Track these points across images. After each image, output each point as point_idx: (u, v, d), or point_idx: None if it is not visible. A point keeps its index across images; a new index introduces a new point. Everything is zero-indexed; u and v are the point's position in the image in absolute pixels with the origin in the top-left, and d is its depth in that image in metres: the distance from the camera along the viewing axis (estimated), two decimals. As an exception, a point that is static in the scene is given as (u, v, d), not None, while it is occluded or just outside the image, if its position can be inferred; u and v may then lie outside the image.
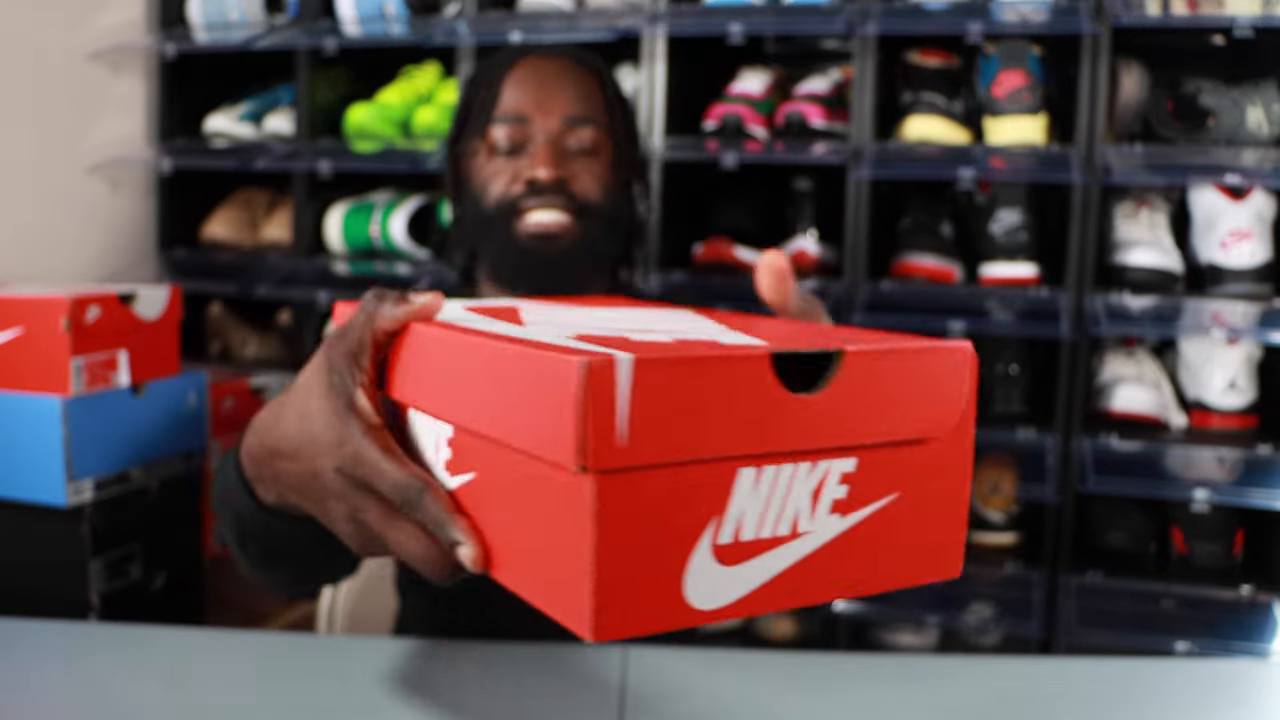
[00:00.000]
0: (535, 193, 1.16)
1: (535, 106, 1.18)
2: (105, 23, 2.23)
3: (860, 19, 1.82)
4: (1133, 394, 1.81)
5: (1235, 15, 1.68)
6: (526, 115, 1.18)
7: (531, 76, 1.19)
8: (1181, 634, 1.70)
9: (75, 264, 2.18)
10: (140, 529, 1.67)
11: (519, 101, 1.18)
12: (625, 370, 0.52)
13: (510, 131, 1.18)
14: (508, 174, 1.18)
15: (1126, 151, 1.77)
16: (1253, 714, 1.08)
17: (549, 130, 1.17)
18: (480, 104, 1.20)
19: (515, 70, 1.20)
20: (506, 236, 1.18)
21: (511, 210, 1.17)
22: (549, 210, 1.16)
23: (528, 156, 1.18)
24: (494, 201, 1.18)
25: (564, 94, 1.18)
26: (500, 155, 1.19)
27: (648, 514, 0.57)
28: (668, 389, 0.54)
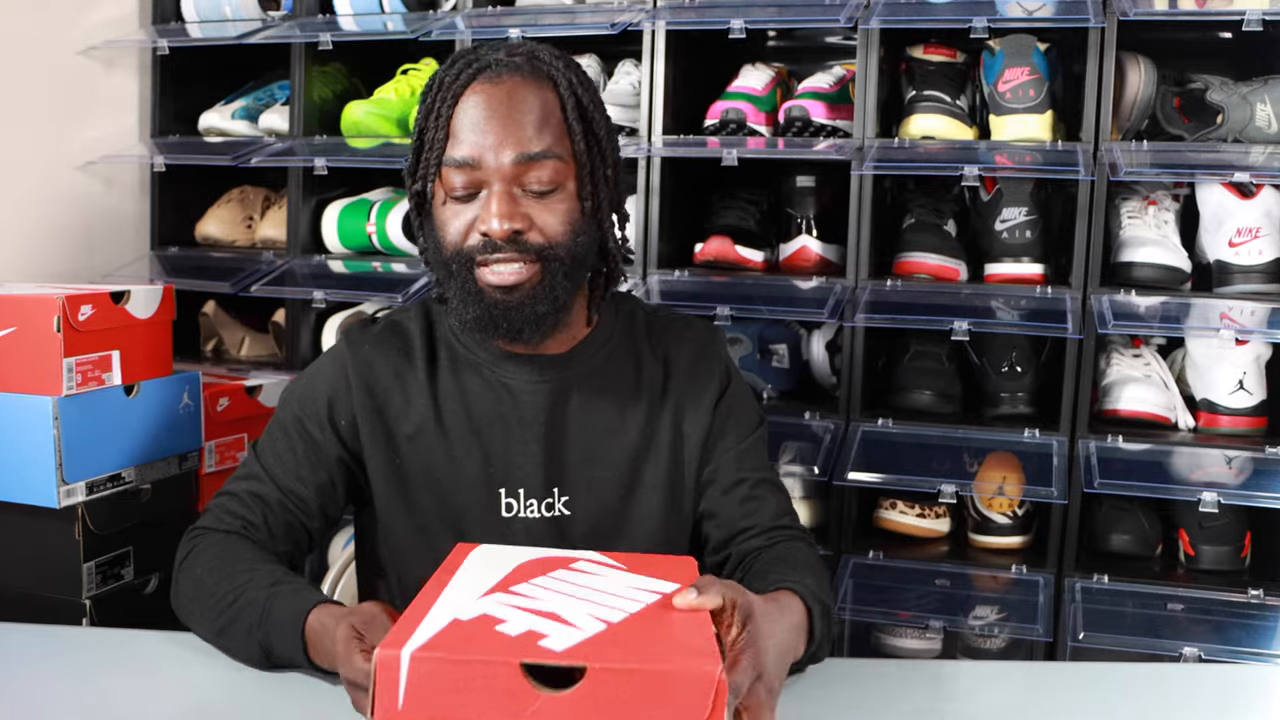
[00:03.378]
0: (490, 248, 1.12)
1: (485, 149, 1.12)
2: (98, 18, 2.21)
3: (863, 13, 1.80)
4: (1140, 394, 1.79)
5: (1245, 9, 1.66)
6: (476, 160, 1.12)
7: (481, 111, 1.12)
8: (1189, 638, 1.68)
9: (67, 262, 2.16)
10: (133, 531, 1.65)
11: (466, 145, 1.12)
12: (405, 662, 0.77)
13: (462, 177, 1.12)
14: (463, 221, 1.14)
15: (1133, 148, 1.76)
16: (1259, 719, 1.06)
17: (502, 174, 1.12)
18: (431, 142, 1.14)
19: (464, 102, 1.13)
20: (465, 285, 1.15)
21: (469, 261, 1.14)
22: (506, 265, 1.13)
23: (482, 203, 1.13)
24: (451, 250, 1.15)
25: (516, 129, 1.12)
26: (455, 199, 1.14)
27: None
28: (436, 678, 0.77)
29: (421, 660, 0.77)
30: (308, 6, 2.18)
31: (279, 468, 1.22)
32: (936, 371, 1.91)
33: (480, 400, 1.22)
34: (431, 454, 1.21)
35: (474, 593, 0.89)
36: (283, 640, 1.05)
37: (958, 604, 1.80)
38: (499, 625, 0.82)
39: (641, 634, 0.83)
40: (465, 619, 0.84)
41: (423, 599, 0.87)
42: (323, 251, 2.19)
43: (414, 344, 1.24)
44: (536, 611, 0.85)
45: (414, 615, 0.84)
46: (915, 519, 1.94)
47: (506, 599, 0.88)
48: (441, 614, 0.84)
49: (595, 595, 0.90)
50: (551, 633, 0.81)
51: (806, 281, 1.90)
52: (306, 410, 1.23)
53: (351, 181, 2.24)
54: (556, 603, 0.87)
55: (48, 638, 1.17)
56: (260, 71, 2.37)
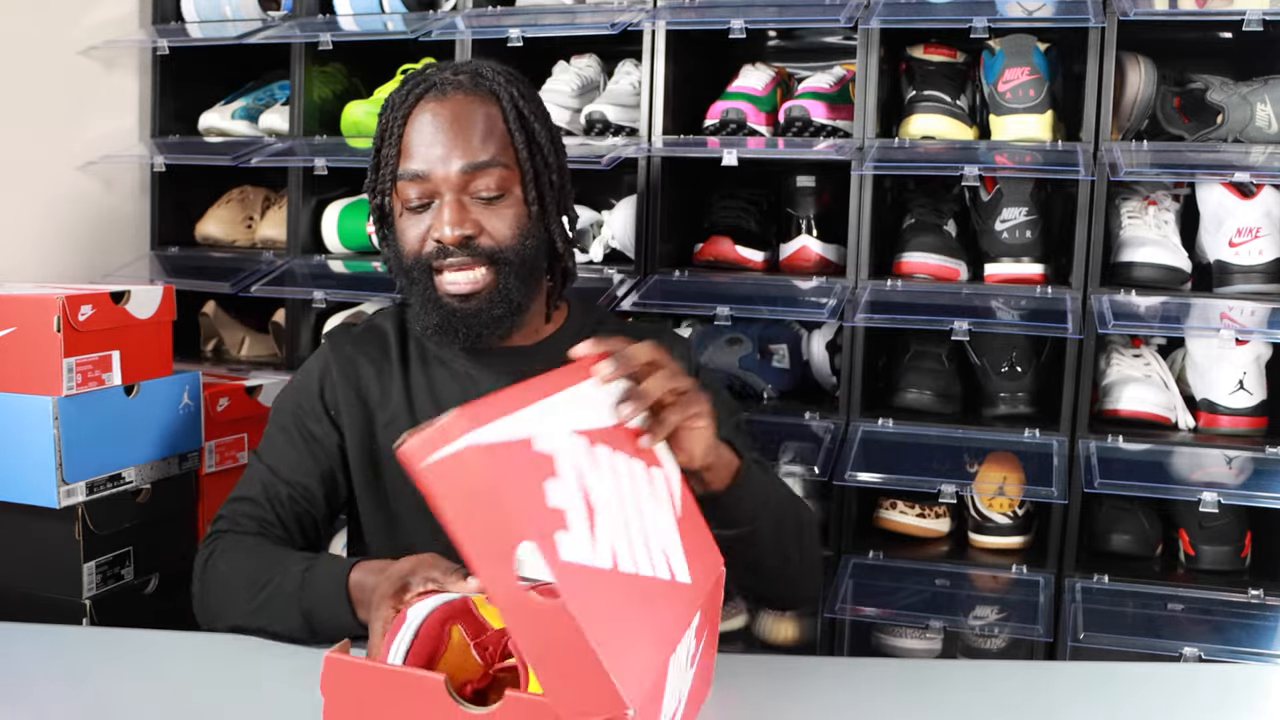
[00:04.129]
0: (444, 254, 1.21)
1: (434, 161, 1.20)
2: (98, 18, 2.21)
3: (863, 13, 1.80)
4: (1140, 394, 1.79)
5: (1245, 9, 1.66)
6: (426, 172, 1.21)
7: (427, 126, 1.22)
8: (1189, 638, 1.68)
9: (67, 262, 2.16)
10: (133, 531, 1.65)
11: (416, 158, 1.21)
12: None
13: (415, 189, 1.21)
14: (419, 230, 1.23)
15: (1133, 148, 1.75)
16: (1259, 719, 1.06)
17: (450, 183, 1.20)
18: (385, 158, 1.23)
19: (412, 119, 1.22)
20: (426, 292, 1.23)
21: (427, 269, 1.23)
22: (461, 271, 1.21)
23: (435, 213, 1.22)
24: (411, 258, 1.23)
25: (461, 141, 1.21)
26: (411, 210, 1.23)
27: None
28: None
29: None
30: (308, 6, 2.18)
31: (283, 465, 1.29)
32: (936, 371, 1.91)
33: (447, 391, 1.30)
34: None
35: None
36: (326, 602, 1.10)
37: (958, 604, 1.80)
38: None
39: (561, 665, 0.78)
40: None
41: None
42: (323, 251, 2.19)
43: (389, 342, 1.34)
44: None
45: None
46: (915, 519, 1.94)
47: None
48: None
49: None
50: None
51: (806, 281, 1.90)
52: (302, 407, 1.32)
53: (351, 181, 2.24)
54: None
55: (48, 638, 1.17)
56: (260, 71, 2.37)
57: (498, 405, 0.76)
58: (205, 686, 1.04)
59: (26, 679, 1.05)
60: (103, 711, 0.98)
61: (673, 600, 0.84)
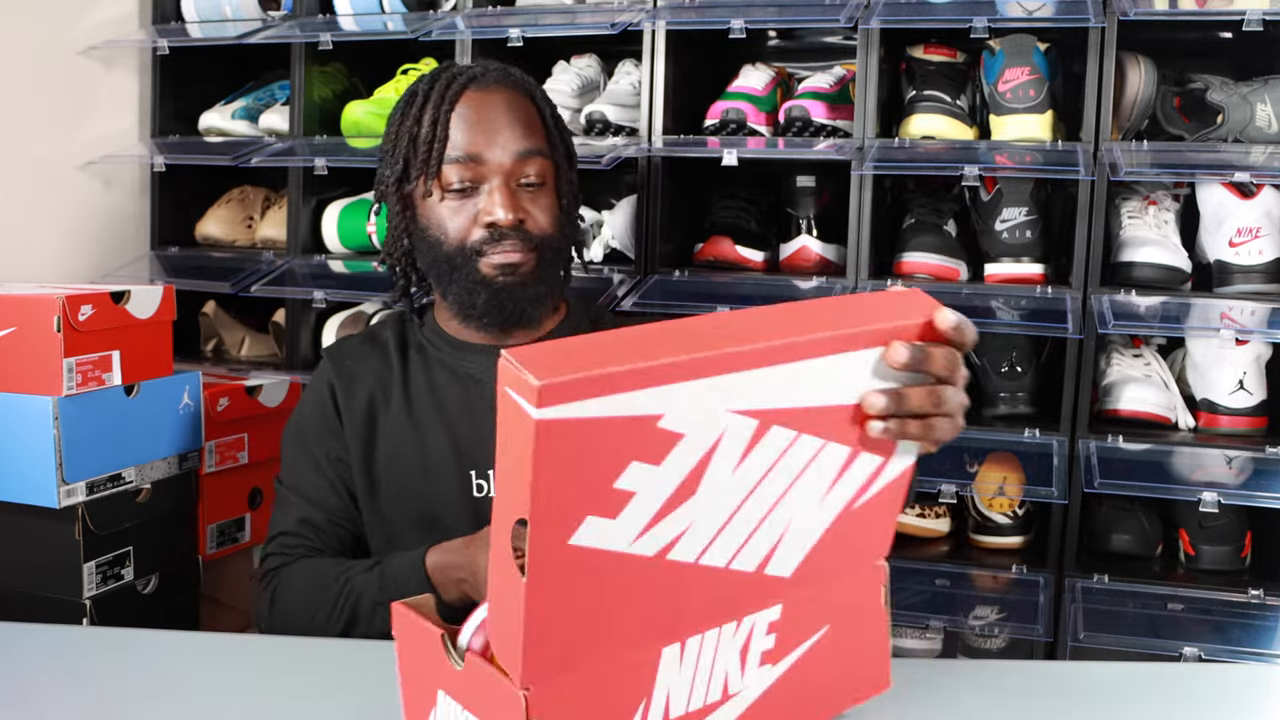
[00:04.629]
0: (496, 238, 1.22)
1: (486, 145, 1.22)
2: (98, 18, 2.21)
3: (863, 13, 1.80)
4: (1140, 394, 1.79)
5: (1245, 9, 1.66)
6: (478, 154, 1.22)
7: (477, 113, 1.23)
8: (1189, 638, 1.68)
9: (67, 262, 2.16)
10: (133, 531, 1.65)
11: (469, 141, 1.22)
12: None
13: (463, 172, 1.22)
14: (465, 216, 1.23)
15: (1133, 148, 1.75)
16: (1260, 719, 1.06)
17: (503, 168, 1.22)
18: (427, 143, 1.23)
19: (460, 106, 1.23)
20: (470, 276, 1.24)
21: (474, 253, 1.23)
22: (510, 253, 1.23)
23: (483, 196, 1.23)
24: (454, 244, 1.24)
25: (511, 128, 1.23)
26: (453, 195, 1.23)
27: (573, 709, 0.71)
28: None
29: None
30: (308, 6, 2.18)
31: (313, 490, 1.31)
32: (937, 371, 1.91)
33: (449, 391, 1.31)
34: (404, 442, 1.30)
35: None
36: (407, 591, 1.11)
37: (958, 604, 1.80)
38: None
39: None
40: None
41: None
42: (323, 251, 2.19)
43: (389, 349, 1.35)
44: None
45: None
46: (915, 519, 1.94)
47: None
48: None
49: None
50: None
51: (806, 281, 1.90)
52: (317, 429, 1.33)
53: (351, 181, 2.24)
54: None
55: (48, 638, 1.16)
56: (260, 71, 2.37)
57: (672, 369, 0.65)
58: (205, 686, 1.03)
59: (26, 679, 1.05)
60: (103, 711, 0.98)
61: (730, 592, 0.78)
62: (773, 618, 0.81)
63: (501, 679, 0.71)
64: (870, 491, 0.84)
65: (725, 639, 0.78)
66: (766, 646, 0.82)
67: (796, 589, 0.81)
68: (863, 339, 0.76)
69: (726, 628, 0.78)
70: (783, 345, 0.70)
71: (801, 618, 0.83)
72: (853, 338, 0.76)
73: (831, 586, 0.85)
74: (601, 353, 0.63)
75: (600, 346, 0.65)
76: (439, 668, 0.78)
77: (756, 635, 0.80)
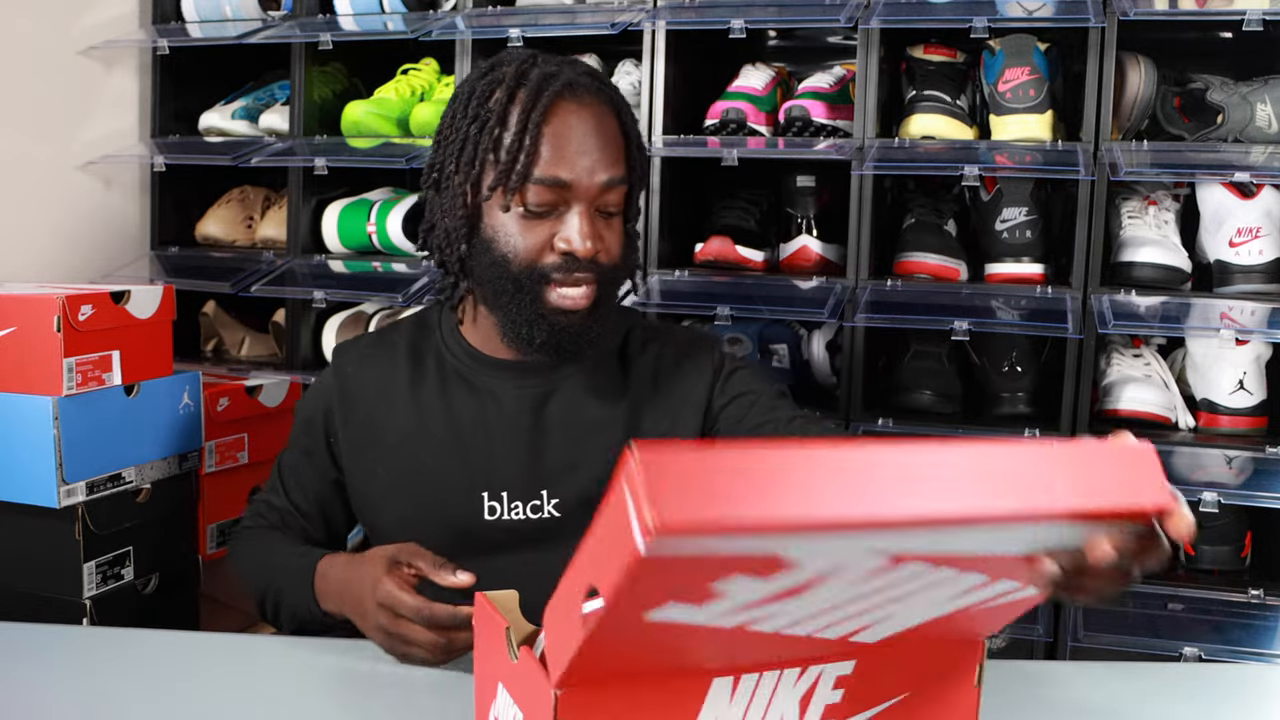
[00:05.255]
0: (569, 267, 1.14)
1: (576, 171, 1.13)
2: (98, 18, 2.21)
3: (863, 13, 1.80)
4: (1140, 394, 1.79)
5: (1245, 9, 1.66)
6: (567, 181, 1.13)
7: (573, 133, 1.14)
8: (1189, 638, 1.68)
9: (67, 262, 2.16)
10: (133, 531, 1.65)
11: (560, 165, 1.13)
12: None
13: (547, 195, 1.13)
14: (539, 237, 1.14)
15: (1133, 148, 1.75)
16: (1259, 719, 1.06)
17: (588, 195, 1.14)
18: (511, 153, 1.13)
19: (553, 122, 1.13)
20: (534, 305, 1.15)
21: (541, 278, 1.15)
22: (578, 286, 1.15)
23: (562, 222, 1.14)
24: (523, 265, 1.15)
25: (603, 155, 1.15)
26: (531, 213, 1.14)
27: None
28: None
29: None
30: (308, 6, 2.17)
31: (291, 479, 1.32)
32: (936, 371, 1.91)
33: (464, 407, 1.23)
34: (412, 459, 1.23)
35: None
36: (293, 587, 1.18)
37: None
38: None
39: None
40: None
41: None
42: (323, 251, 2.19)
43: (399, 357, 1.27)
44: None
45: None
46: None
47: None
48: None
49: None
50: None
51: (806, 281, 1.90)
52: (308, 428, 1.31)
53: (351, 181, 2.24)
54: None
55: (48, 638, 1.16)
56: (260, 71, 2.37)
57: (815, 522, 0.55)
58: (205, 686, 1.03)
59: (26, 679, 1.05)
60: (103, 711, 0.98)
61: (804, 646, 0.72)
62: (843, 671, 0.75)
63: (541, 677, 0.69)
64: (994, 605, 0.75)
65: (785, 683, 0.73)
66: (832, 700, 0.76)
67: (877, 651, 0.75)
68: (1066, 515, 0.64)
69: (789, 672, 0.73)
70: (963, 514, 0.59)
71: (878, 679, 0.77)
72: (1054, 513, 0.63)
73: (918, 653, 0.78)
74: (734, 483, 0.54)
75: (733, 471, 0.55)
76: (501, 660, 0.77)
77: (822, 686, 0.75)
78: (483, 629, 0.83)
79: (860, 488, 0.56)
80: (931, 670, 0.78)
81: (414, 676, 1.03)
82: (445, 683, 1.02)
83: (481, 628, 0.83)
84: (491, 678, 0.80)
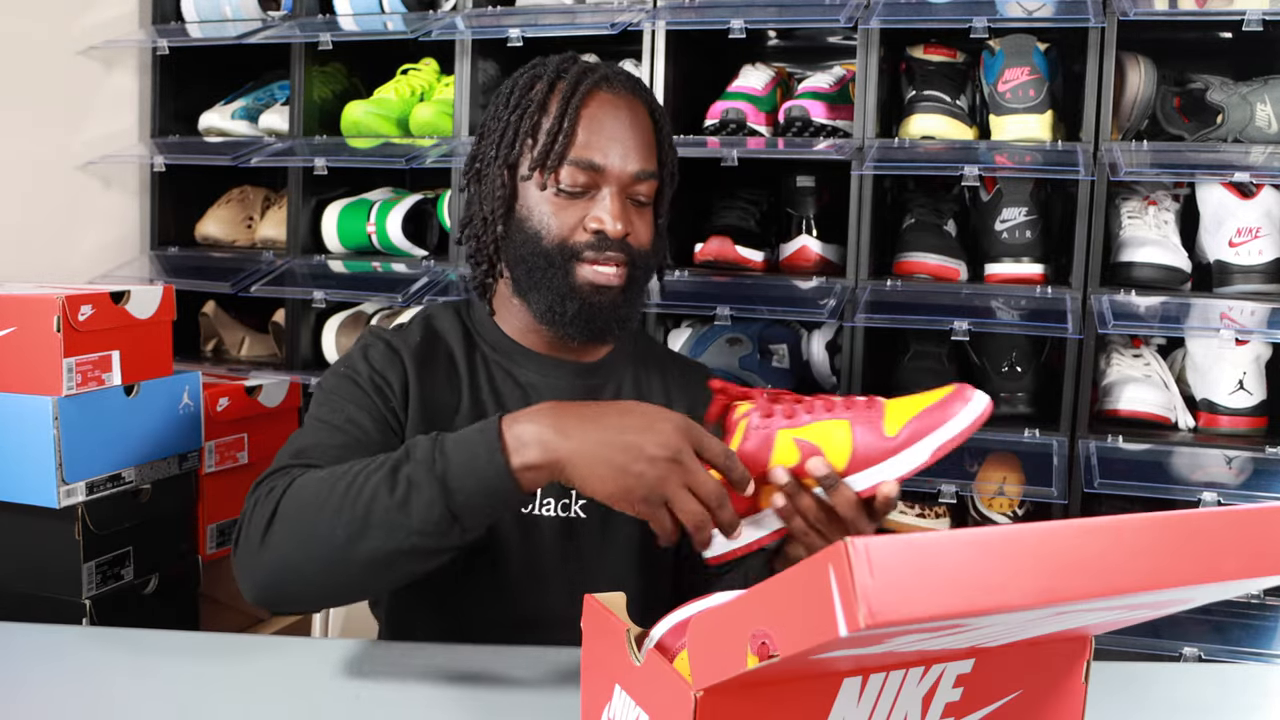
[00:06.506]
0: (600, 246, 1.18)
1: (610, 157, 1.18)
2: (98, 18, 2.21)
3: (863, 13, 1.80)
4: (1140, 394, 1.79)
5: (1245, 9, 1.66)
6: (602, 166, 1.18)
7: (608, 120, 1.19)
8: (1189, 638, 1.68)
9: (67, 262, 2.16)
10: (133, 531, 1.65)
11: (595, 149, 1.18)
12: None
13: (581, 176, 1.17)
14: (572, 217, 1.18)
15: (1133, 148, 1.75)
16: (1259, 719, 1.06)
17: (620, 181, 1.18)
18: (550, 135, 1.18)
19: (590, 107, 1.19)
20: (565, 279, 1.18)
21: (572, 255, 1.18)
22: (609, 266, 1.18)
23: (594, 203, 1.18)
24: (555, 241, 1.18)
25: (636, 146, 1.19)
26: (565, 193, 1.18)
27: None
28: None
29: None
30: (308, 6, 2.18)
31: (339, 437, 1.13)
32: (936, 371, 1.91)
33: (511, 399, 1.24)
34: None
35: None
36: (474, 460, 0.94)
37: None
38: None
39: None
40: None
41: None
42: (323, 251, 2.19)
43: (453, 344, 1.26)
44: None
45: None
46: (915, 519, 1.94)
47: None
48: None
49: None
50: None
51: (806, 281, 1.90)
52: (376, 390, 1.18)
53: (351, 181, 2.24)
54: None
55: (48, 638, 1.16)
56: (260, 71, 2.37)
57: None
58: (205, 686, 1.03)
59: (26, 679, 1.05)
60: (103, 711, 0.98)
61: (928, 652, 0.74)
62: (963, 670, 0.77)
63: (678, 679, 0.70)
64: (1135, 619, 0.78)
65: (910, 682, 0.75)
66: (952, 699, 0.78)
67: (997, 650, 0.77)
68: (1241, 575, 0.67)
69: (914, 671, 0.75)
70: (1141, 585, 0.63)
71: (995, 678, 0.79)
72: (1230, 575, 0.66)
73: (1032, 652, 0.80)
74: (937, 571, 0.56)
75: (936, 558, 0.56)
76: (620, 662, 0.78)
77: (943, 685, 0.77)
78: (596, 630, 0.83)
79: (1050, 568, 0.59)
80: (1043, 667, 0.81)
81: (412, 676, 1.03)
82: (445, 683, 1.02)
83: (594, 628, 0.83)
84: (607, 679, 0.80)
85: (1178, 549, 0.64)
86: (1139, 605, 0.69)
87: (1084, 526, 0.62)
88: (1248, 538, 0.67)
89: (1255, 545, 0.67)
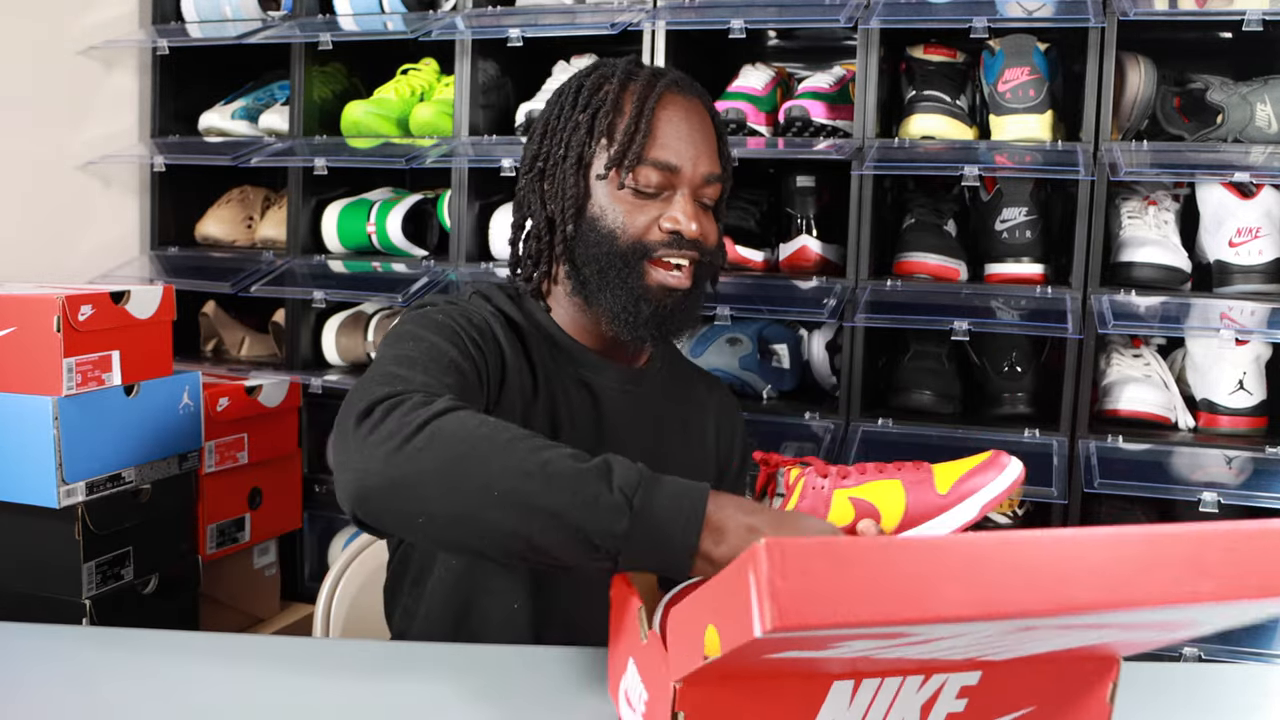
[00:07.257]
0: (675, 245, 1.19)
1: (686, 159, 1.19)
2: (98, 18, 2.21)
3: (863, 13, 1.80)
4: (1140, 394, 1.79)
5: (1245, 9, 1.66)
6: (678, 167, 1.19)
7: (682, 123, 1.20)
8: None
9: (67, 262, 2.16)
10: (133, 531, 1.65)
11: (672, 150, 1.19)
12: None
13: (656, 176, 1.18)
14: (647, 216, 1.19)
15: (1133, 148, 1.75)
16: (1259, 719, 1.06)
17: (693, 183, 1.20)
18: (628, 134, 1.18)
19: (665, 109, 1.20)
20: (637, 281, 1.19)
21: (645, 254, 1.19)
22: (682, 259, 1.20)
23: (668, 204, 1.19)
24: (630, 240, 1.19)
25: (707, 149, 1.22)
26: (640, 194, 1.19)
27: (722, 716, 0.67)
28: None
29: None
30: (308, 6, 2.18)
31: (444, 361, 1.09)
32: (936, 371, 1.91)
33: (575, 394, 1.24)
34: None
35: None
36: (671, 524, 0.87)
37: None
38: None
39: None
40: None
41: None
42: (323, 251, 2.19)
43: (519, 326, 1.23)
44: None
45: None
46: (915, 519, 1.94)
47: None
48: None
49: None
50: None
51: (806, 281, 1.90)
52: (482, 339, 1.16)
53: (351, 181, 2.24)
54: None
55: (48, 638, 1.16)
56: (260, 71, 2.37)
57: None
58: (205, 686, 1.03)
59: (26, 679, 1.05)
60: (103, 711, 0.98)
61: (925, 662, 0.73)
62: (968, 681, 0.74)
63: (664, 663, 0.71)
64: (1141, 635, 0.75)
65: (908, 690, 0.73)
66: (954, 710, 0.75)
67: (1006, 664, 0.74)
68: (1201, 600, 0.63)
69: (912, 679, 0.73)
70: (1090, 603, 0.60)
71: (1004, 691, 0.76)
72: (1190, 599, 0.62)
73: (1048, 668, 0.77)
74: (855, 578, 0.55)
75: (855, 565, 0.55)
76: (633, 636, 0.80)
77: (945, 696, 0.74)
78: (620, 604, 0.84)
79: (981, 579, 0.56)
80: (1062, 684, 0.78)
81: (411, 676, 1.03)
82: (444, 682, 1.02)
83: (619, 603, 0.85)
84: (625, 651, 0.82)
85: (1139, 565, 0.60)
86: (1135, 625, 0.67)
87: (1025, 539, 0.59)
88: (1207, 559, 0.62)
89: (1216, 569, 0.62)
